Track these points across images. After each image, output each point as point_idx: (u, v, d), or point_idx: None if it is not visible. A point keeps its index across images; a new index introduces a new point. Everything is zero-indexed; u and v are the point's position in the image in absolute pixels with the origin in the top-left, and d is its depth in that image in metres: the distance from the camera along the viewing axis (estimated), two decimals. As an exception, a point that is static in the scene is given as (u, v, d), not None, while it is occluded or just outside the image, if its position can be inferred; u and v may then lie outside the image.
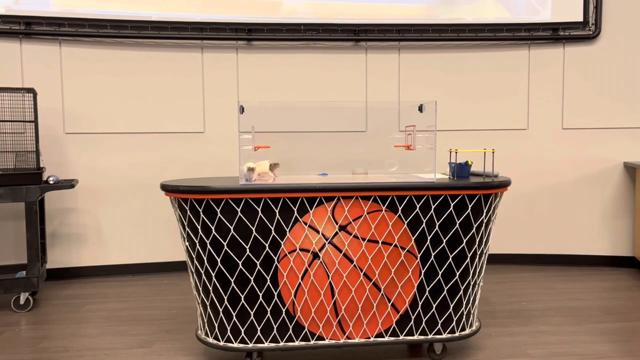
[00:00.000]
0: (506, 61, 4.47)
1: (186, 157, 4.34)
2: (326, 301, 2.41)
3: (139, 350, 2.78)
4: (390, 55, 4.44)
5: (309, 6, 4.32)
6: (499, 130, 4.49)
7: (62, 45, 4.15)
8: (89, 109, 4.21)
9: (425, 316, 2.51)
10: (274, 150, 3.80)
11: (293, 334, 2.45)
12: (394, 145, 2.98)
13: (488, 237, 2.60)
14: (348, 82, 4.43)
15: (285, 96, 4.40)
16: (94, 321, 3.24)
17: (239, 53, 4.35)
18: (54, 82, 4.15)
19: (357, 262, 2.40)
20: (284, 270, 2.39)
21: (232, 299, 2.41)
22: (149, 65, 4.27)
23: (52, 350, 2.80)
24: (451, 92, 4.47)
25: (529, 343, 2.83)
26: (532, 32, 4.41)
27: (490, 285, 3.91)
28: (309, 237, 2.38)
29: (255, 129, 2.59)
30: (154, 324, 3.18)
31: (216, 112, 4.36)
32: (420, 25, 4.37)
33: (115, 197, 4.27)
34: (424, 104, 2.65)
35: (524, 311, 3.33)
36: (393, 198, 2.41)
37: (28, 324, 3.20)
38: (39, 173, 3.49)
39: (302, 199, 2.37)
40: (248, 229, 2.36)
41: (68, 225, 4.23)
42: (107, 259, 4.30)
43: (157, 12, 4.19)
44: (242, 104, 2.53)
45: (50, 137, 4.15)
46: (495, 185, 2.48)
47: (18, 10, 4.02)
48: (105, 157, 4.24)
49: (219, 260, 2.39)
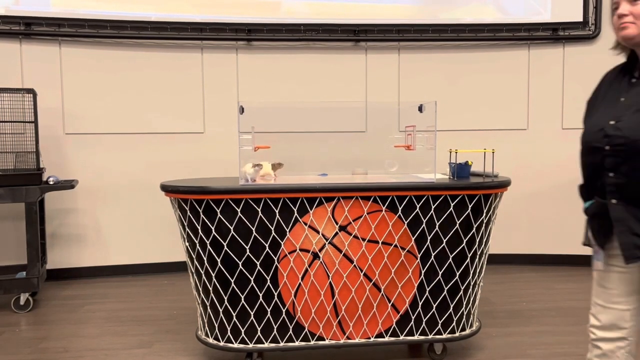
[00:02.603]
0: (506, 61, 4.47)
1: (186, 157, 4.34)
2: (326, 301, 2.41)
3: (139, 351, 2.78)
4: (390, 56, 4.44)
5: (308, 6, 4.32)
6: (499, 130, 4.49)
7: (62, 45, 4.15)
8: (89, 109, 4.20)
9: (425, 316, 2.51)
10: (274, 151, 3.79)
11: (293, 334, 2.45)
12: (393, 146, 2.98)
13: (488, 237, 2.60)
14: (348, 83, 4.43)
15: (285, 96, 4.40)
16: (93, 321, 3.24)
17: (239, 53, 4.35)
18: (53, 82, 4.15)
19: (357, 263, 2.40)
20: (284, 271, 2.39)
21: (232, 300, 2.41)
22: (149, 66, 4.27)
23: (52, 350, 2.80)
24: (451, 92, 4.47)
25: (529, 343, 2.83)
26: (532, 32, 4.41)
27: (490, 285, 3.91)
28: (309, 237, 2.38)
29: (255, 129, 2.59)
30: (154, 324, 3.18)
31: (216, 112, 4.36)
32: (420, 25, 4.37)
33: (115, 197, 4.27)
34: (423, 104, 2.65)
35: (524, 311, 3.33)
36: (393, 198, 2.41)
37: (28, 325, 3.20)
38: (39, 173, 3.49)
39: (302, 199, 2.37)
40: (248, 229, 2.36)
41: (68, 226, 4.23)
42: (107, 260, 4.30)
43: (156, 12, 4.19)
44: (242, 104, 2.53)
45: (50, 137, 4.14)
46: (495, 185, 2.48)
47: (18, 11, 4.02)
48: (105, 157, 4.24)
49: (219, 261, 2.39)
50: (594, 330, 1.68)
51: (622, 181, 1.49)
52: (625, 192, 1.49)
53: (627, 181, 1.48)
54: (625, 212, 1.50)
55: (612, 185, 1.52)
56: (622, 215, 1.51)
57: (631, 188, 1.48)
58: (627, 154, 1.46)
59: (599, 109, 1.60)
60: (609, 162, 1.51)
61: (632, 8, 1.50)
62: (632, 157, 1.45)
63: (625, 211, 1.50)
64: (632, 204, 1.49)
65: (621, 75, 1.60)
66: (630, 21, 1.50)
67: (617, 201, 1.52)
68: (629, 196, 1.49)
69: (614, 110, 1.53)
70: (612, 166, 1.50)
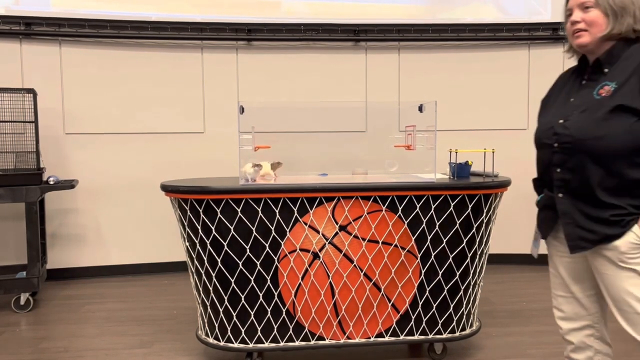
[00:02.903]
0: (506, 61, 4.47)
1: (186, 157, 4.34)
2: (326, 301, 2.41)
3: (139, 351, 2.78)
4: (390, 55, 4.45)
5: (308, 6, 4.32)
6: (499, 130, 4.49)
7: (62, 45, 4.15)
8: (89, 109, 4.21)
9: (425, 316, 2.51)
10: (274, 150, 3.80)
11: (293, 334, 2.45)
12: (394, 145, 2.98)
13: (488, 237, 2.60)
14: (348, 82, 4.43)
15: (285, 96, 4.40)
16: (94, 321, 3.24)
17: (239, 53, 4.35)
18: (54, 82, 4.15)
19: (357, 262, 2.40)
20: (284, 271, 2.39)
21: (232, 299, 2.41)
22: (149, 66, 4.27)
23: (52, 350, 2.80)
24: (451, 92, 4.47)
25: (529, 343, 2.83)
26: (532, 32, 4.41)
27: (490, 285, 3.91)
28: (309, 237, 2.38)
29: (255, 129, 2.59)
30: (154, 324, 3.18)
31: (216, 112, 4.36)
32: (420, 25, 4.37)
33: (115, 197, 4.27)
34: (423, 103, 2.65)
35: (524, 311, 3.34)
36: (393, 198, 2.41)
37: (28, 325, 3.20)
38: (39, 173, 3.49)
39: (302, 199, 2.37)
40: (248, 229, 2.36)
41: (68, 226, 4.23)
42: (107, 259, 4.30)
43: (157, 12, 4.19)
44: (242, 104, 2.53)
45: (50, 137, 4.15)
46: (495, 185, 2.48)
47: (18, 11, 4.02)
48: (105, 157, 4.24)
49: (219, 261, 2.39)
50: (560, 322, 1.75)
51: (567, 177, 1.57)
52: (571, 186, 1.57)
53: (572, 177, 1.56)
54: (571, 206, 1.58)
55: (559, 180, 1.60)
56: (567, 209, 1.59)
57: (575, 183, 1.56)
58: (573, 152, 1.54)
59: (551, 108, 1.68)
60: (557, 158, 1.59)
61: (584, 15, 1.56)
62: (577, 154, 1.53)
63: (571, 205, 1.58)
64: (577, 198, 1.57)
65: (573, 77, 1.68)
66: (582, 28, 1.57)
67: (563, 195, 1.60)
68: (574, 191, 1.57)
69: (564, 110, 1.61)
70: (559, 162, 1.59)
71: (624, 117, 1.46)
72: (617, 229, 1.51)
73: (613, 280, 1.54)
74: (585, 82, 1.61)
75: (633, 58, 1.50)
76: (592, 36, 1.55)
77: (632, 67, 1.49)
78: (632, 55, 1.50)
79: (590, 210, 1.54)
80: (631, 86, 1.47)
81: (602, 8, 1.53)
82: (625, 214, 1.50)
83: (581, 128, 1.52)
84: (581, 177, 1.53)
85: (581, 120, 1.53)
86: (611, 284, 1.55)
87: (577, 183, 1.55)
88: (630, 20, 1.52)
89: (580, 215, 1.56)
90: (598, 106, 1.51)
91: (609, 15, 1.53)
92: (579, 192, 1.56)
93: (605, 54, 1.56)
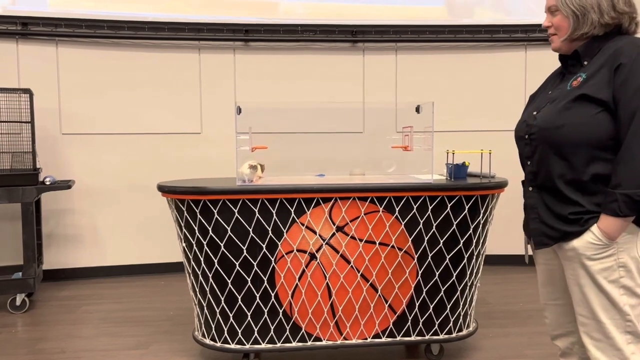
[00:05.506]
0: (503, 62, 4.47)
1: (183, 157, 4.33)
2: (323, 302, 2.41)
3: (135, 352, 2.77)
4: (388, 56, 4.45)
5: (306, 7, 4.32)
6: (496, 132, 4.49)
7: (59, 45, 4.14)
8: (86, 109, 4.20)
9: (422, 317, 2.51)
10: (271, 151, 3.79)
11: (290, 335, 2.45)
12: (391, 146, 2.98)
13: (485, 238, 2.60)
14: (345, 83, 4.43)
15: (282, 97, 4.39)
16: (90, 322, 3.23)
17: (236, 54, 4.35)
18: (50, 82, 4.13)
19: (354, 263, 2.40)
20: (281, 271, 2.39)
21: (229, 300, 2.41)
22: (146, 66, 4.26)
23: (48, 351, 2.79)
24: (448, 93, 4.48)
25: (526, 344, 2.83)
26: (529, 34, 4.42)
27: (487, 286, 3.91)
28: (306, 238, 2.38)
29: (252, 130, 2.58)
30: (151, 325, 3.17)
31: (213, 112, 4.35)
32: (417, 26, 4.37)
33: (112, 198, 4.26)
34: (421, 104, 2.65)
35: (521, 312, 3.34)
36: (390, 199, 2.41)
37: (24, 325, 3.19)
38: (36, 174, 3.48)
39: (299, 199, 2.37)
40: (245, 229, 2.36)
41: (64, 226, 4.22)
42: (103, 260, 4.28)
43: (154, 12, 4.19)
44: (239, 105, 2.53)
45: (47, 137, 4.13)
46: (492, 186, 2.49)
47: (15, 11, 4.01)
48: (102, 157, 4.23)
49: (216, 261, 2.38)
50: (549, 329, 1.74)
51: (534, 169, 1.56)
52: (538, 180, 1.55)
53: (539, 169, 1.54)
54: (538, 200, 1.56)
55: (530, 174, 1.59)
56: (535, 203, 1.57)
57: (541, 175, 1.54)
58: (538, 142, 1.52)
59: (534, 102, 1.68)
60: (527, 150, 1.58)
61: (553, 19, 1.55)
62: (540, 145, 1.52)
63: (539, 199, 1.56)
64: (544, 192, 1.55)
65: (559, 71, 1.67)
66: (552, 33, 1.57)
67: (532, 189, 1.59)
68: (541, 184, 1.55)
69: (540, 102, 1.60)
70: (529, 154, 1.58)
71: (586, 107, 1.43)
72: (576, 227, 1.47)
73: (573, 281, 1.51)
74: (566, 75, 1.59)
75: (608, 51, 1.47)
76: (559, 39, 1.55)
77: (604, 58, 1.46)
78: (609, 48, 1.47)
79: (554, 205, 1.51)
80: (600, 77, 1.44)
81: (563, 11, 1.51)
82: (584, 212, 1.46)
83: (546, 119, 1.50)
84: (546, 170, 1.51)
85: (548, 110, 1.51)
86: (571, 286, 1.52)
87: (542, 176, 1.53)
88: (594, 17, 1.48)
89: (546, 211, 1.54)
90: (566, 96, 1.48)
91: (569, 18, 1.50)
92: (545, 186, 1.53)
93: (583, 47, 1.53)
